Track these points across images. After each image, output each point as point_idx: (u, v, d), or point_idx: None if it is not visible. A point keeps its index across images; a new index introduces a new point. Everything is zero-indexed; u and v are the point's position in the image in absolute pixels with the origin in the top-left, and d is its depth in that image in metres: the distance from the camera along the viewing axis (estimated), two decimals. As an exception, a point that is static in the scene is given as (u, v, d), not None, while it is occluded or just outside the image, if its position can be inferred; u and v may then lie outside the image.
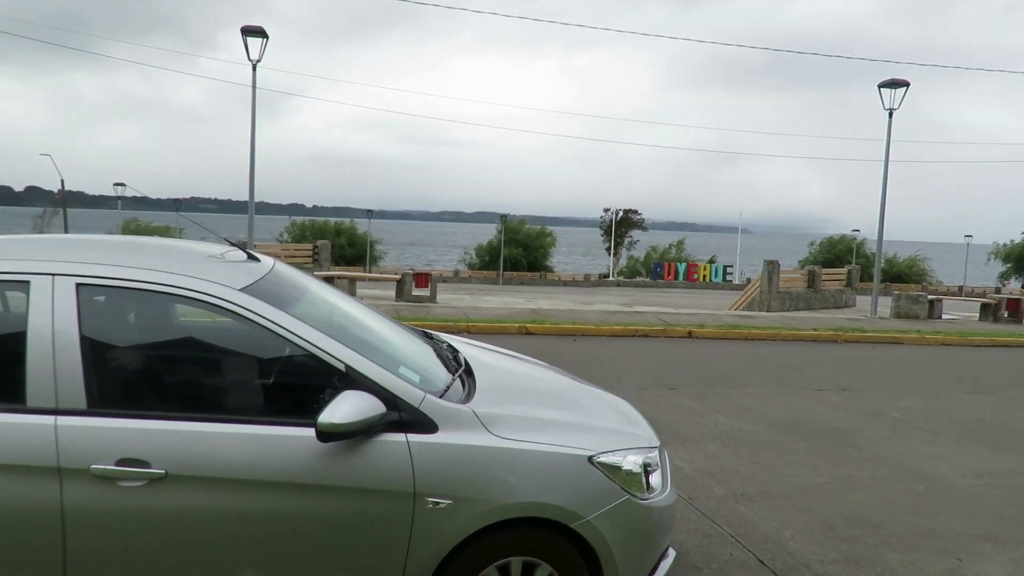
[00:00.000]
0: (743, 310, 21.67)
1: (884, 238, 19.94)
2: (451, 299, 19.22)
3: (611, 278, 57.76)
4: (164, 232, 37.10)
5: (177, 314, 3.28)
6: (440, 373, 3.54)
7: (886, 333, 15.15)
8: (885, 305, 20.99)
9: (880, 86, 18.97)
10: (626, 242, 68.78)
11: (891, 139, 19.29)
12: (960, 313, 21.31)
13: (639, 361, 10.89)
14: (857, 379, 10.34)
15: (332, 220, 64.69)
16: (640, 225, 69.49)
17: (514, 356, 4.68)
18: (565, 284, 53.95)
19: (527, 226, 64.56)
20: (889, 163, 19.33)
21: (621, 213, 68.85)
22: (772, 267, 21.75)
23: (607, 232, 67.62)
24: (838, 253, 62.17)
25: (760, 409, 8.08)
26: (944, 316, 19.38)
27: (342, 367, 2.99)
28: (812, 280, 23.44)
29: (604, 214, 69.43)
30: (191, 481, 2.71)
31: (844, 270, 25.77)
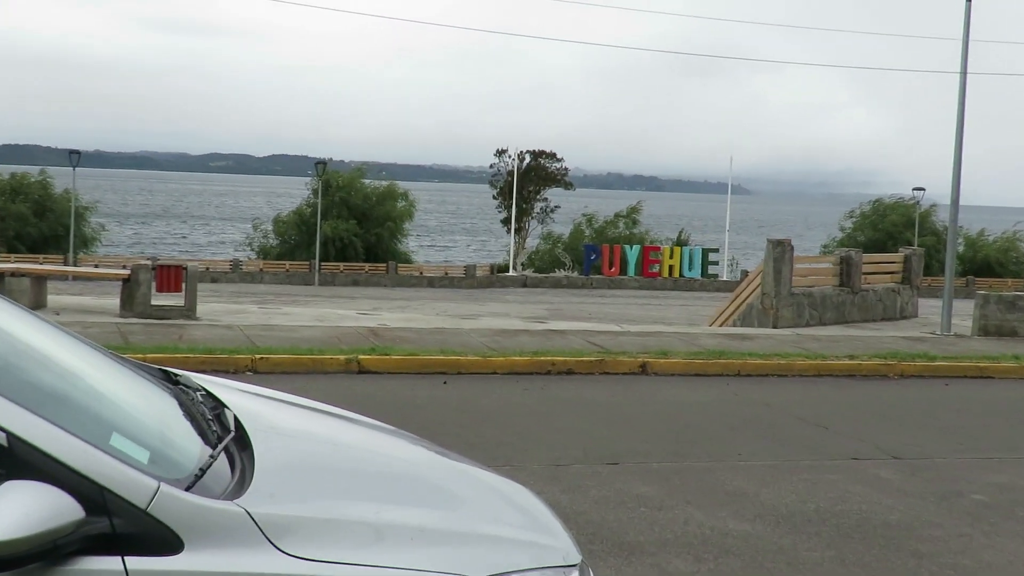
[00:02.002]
0: (734, 325, 22.39)
1: (962, 202, 21.13)
2: (225, 312, 18.90)
3: (513, 272, 58.54)
4: None
5: None
6: (189, 445, 3.46)
7: (966, 361, 16.01)
8: (965, 313, 22.20)
9: (952, -51, 20.04)
10: (537, 209, 69.74)
11: (970, 38, 20.45)
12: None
13: (556, 417, 11.04)
14: (918, 438, 10.86)
15: (4, 170, 62.30)
16: (561, 180, 70.62)
17: (331, 413, 4.63)
18: (432, 283, 54.21)
19: (364, 182, 64.37)
20: (967, 77, 20.46)
21: (528, 159, 69.70)
22: (782, 252, 22.58)
23: (504, 192, 68.29)
24: (890, 227, 65.34)
25: (760, 494, 8.35)
26: (1056, 331, 20.65)
27: (1, 438, 2.87)
28: (847, 273, 24.52)
29: (498, 160, 70.22)
30: None
31: (899, 256, 27.08)
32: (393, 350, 13.81)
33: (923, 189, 62.77)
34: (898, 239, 59.79)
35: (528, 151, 70.02)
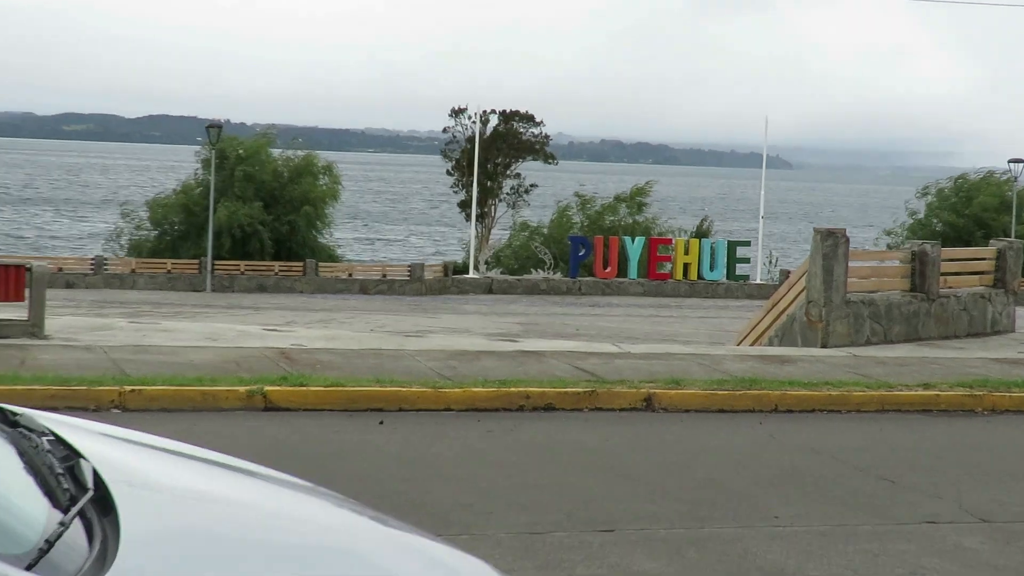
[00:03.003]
0: (770, 343, 22.42)
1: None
2: (85, 328, 18.80)
3: (474, 273, 58.25)
4: None
5: None
6: (31, 508, 3.44)
7: (1078, 391, 16.04)
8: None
9: None
10: (508, 189, 69.67)
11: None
12: None
13: (530, 468, 11.03)
14: (1015, 494, 10.88)
15: None
16: (540, 149, 70.62)
17: (226, 465, 4.62)
18: (365, 289, 53.84)
19: (273, 152, 63.86)
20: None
21: (495, 121, 69.67)
22: (834, 246, 22.65)
23: (461, 166, 68.13)
24: (978, 212, 65.38)
25: (804, 571, 8.36)
26: None
27: None
28: (921, 273, 24.60)
29: (454, 123, 70.17)
30: None
31: (989, 251, 27.18)
32: (312, 379, 13.75)
33: (1022, 161, 62.94)
34: (990, 227, 60.00)
35: (495, 111, 70.00)
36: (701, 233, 65.00)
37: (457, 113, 69.41)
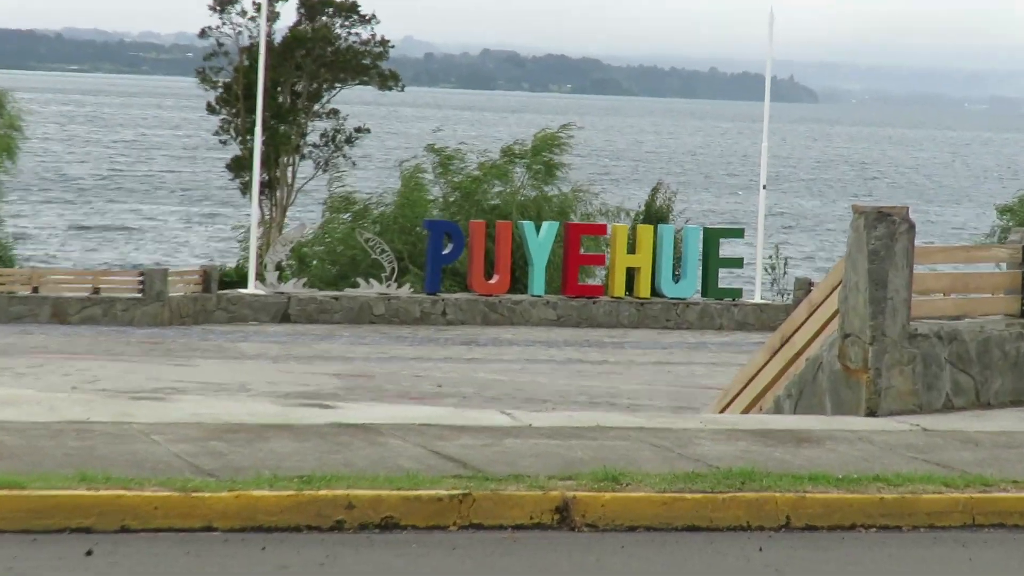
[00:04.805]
0: (775, 409, 22.55)
1: None
2: None
3: (258, 287, 57.90)
4: None
5: None
6: None
7: None
8: None
9: None
10: (318, 137, 69.86)
11: None
12: None
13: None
14: None
15: None
16: (372, 66, 70.90)
17: None
18: (63, 314, 53.58)
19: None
20: None
21: (298, 16, 69.86)
22: (888, 238, 22.78)
23: (234, 96, 67.89)
24: None
25: None
26: None
27: None
28: (1041, 287, 24.78)
29: (220, 22, 70.21)
30: None
31: None
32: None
33: None
34: None
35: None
36: (656, 215, 65.11)
37: (225, 3, 69.44)
